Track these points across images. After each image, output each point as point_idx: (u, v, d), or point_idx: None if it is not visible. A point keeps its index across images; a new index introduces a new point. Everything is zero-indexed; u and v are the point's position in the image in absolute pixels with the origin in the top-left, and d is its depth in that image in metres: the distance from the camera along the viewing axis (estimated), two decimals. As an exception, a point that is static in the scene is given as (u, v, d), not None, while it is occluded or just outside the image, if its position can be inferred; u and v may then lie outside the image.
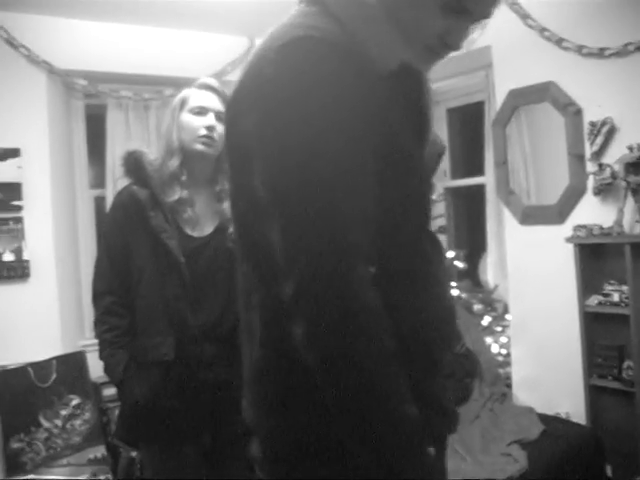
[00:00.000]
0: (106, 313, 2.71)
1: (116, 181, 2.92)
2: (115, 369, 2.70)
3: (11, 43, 4.83)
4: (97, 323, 2.75)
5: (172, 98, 2.92)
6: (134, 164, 2.73)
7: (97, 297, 2.77)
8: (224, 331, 2.66)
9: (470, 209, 6.26)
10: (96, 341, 2.79)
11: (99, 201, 5.48)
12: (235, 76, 4.81)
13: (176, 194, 2.69)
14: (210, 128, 2.70)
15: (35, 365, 4.52)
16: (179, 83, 2.87)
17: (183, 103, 2.77)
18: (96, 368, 3.88)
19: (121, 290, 2.72)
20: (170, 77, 5.38)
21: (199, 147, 2.71)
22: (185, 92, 2.81)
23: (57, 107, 5.19)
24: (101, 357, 2.74)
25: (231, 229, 2.61)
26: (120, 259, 2.72)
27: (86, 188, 5.44)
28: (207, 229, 2.75)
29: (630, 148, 3.90)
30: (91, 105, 5.50)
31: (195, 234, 2.73)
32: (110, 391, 4.51)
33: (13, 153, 4.79)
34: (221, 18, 5.47)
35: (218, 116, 2.72)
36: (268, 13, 5.27)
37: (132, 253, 2.70)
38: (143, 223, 2.65)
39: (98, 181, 5.56)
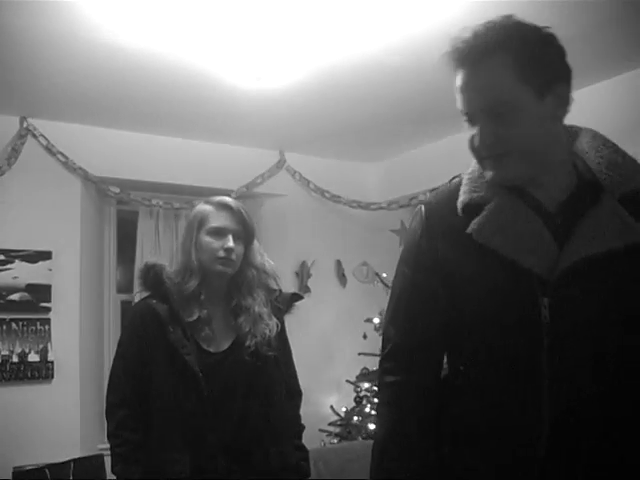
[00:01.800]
0: (120, 427, 2.66)
1: (135, 294, 2.90)
2: None
3: (49, 150, 5.03)
4: (110, 437, 2.70)
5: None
6: (153, 278, 2.73)
7: (111, 410, 2.73)
8: (240, 447, 2.62)
9: None
10: None
11: (126, 305, 5.52)
12: (265, 188, 4.99)
13: (195, 313, 2.68)
14: (228, 250, 2.69)
15: (53, 467, 4.47)
16: (209, 193, 2.91)
17: (201, 223, 2.74)
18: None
19: (135, 403, 2.68)
20: (200, 187, 5.53)
21: (218, 268, 2.71)
22: (202, 210, 2.78)
23: (90, 212, 5.34)
24: (113, 471, 2.67)
25: (248, 343, 2.67)
26: (136, 372, 2.69)
27: (114, 292, 5.52)
28: (224, 344, 2.73)
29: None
30: (123, 210, 5.64)
31: (212, 349, 2.71)
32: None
33: (45, 256, 4.90)
34: (252, 132, 5.64)
35: (236, 236, 2.73)
36: (299, 127, 5.47)
37: (149, 366, 2.67)
38: (162, 337, 2.63)
39: (126, 285, 5.63)
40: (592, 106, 4.41)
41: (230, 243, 2.71)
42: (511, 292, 1.59)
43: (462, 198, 1.69)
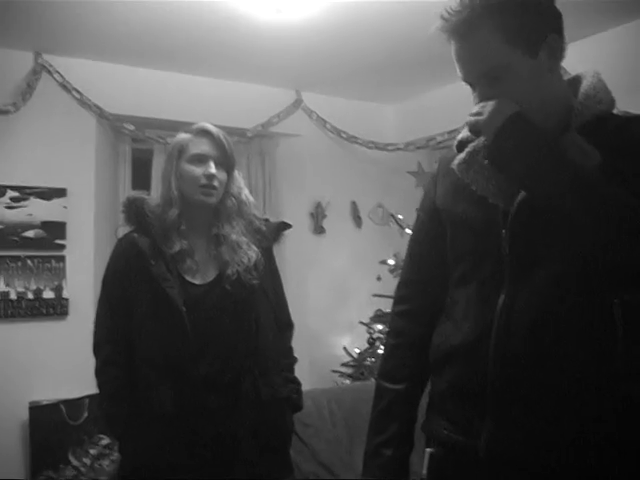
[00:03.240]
0: (106, 363, 2.65)
1: (117, 228, 2.85)
2: (115, 423, 2.64)
3: (65, 86, 4.98)
4: (97, 373, 2.68)
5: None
6: (135, 212, 2.69)
7: (97, 347, 2.71)
8: (227, 380, 2.59)
9: None
10: None
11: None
12: (281, 128, 4.94)
13: (176, 245, 2.63)
14: (210, 177, 2.63)
15: (68, 402, 4.55)
16: (226, 132, 2.87)
17: (181, 151, 2.69)
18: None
19: (122, 339, 2.65)
20: (218, 126, 5.40)
21: (200, 197, 2.67)
22: (182, 139, 2.73)
23: (105, 150, 5.31)
24: (100, 408, 2.70)
25: (229, 271, 2.63)
26: (121, 308, 2.66)
27: (121, 231, 5.45)
28: (209, 275, 2.68)
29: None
30: (137, 149, 5.61)
31: (197, 281, 2.66)
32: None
33: (60, 193, 4.90)
34: (269, 70, 5.57)
35: (218, 162, 2.68)
36: (316, 66, 5.40)
37: (133, 302, 2.64)
38: (144, 272, 2.58)
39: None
40: (595, 55, 4.37)
41: (212, 169, 2.64)
42: (482, 226, 1.72)
43: (459, 136, 1.80)
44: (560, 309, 1.60)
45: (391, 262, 5.45)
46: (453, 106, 5.68)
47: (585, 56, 1.85)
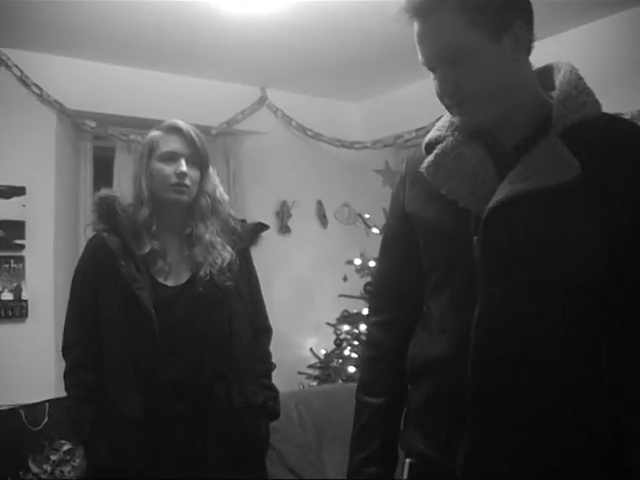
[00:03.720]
0: (75, 366, 2.58)
1: (86, 227, 2.78)
2: (81, 426, 2.53)
3: (23, 81, 4.84)
4: (66, 377, 2.61)
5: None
6: (106, 210, 2.61)
7: (67, 349, 2.64)
8: (199, 386, 2.53)
9: None
10: None
11: (102, 244, 5.40)
12: (245, 125, 4.88)
13: (147, 245, 2.56)
14: (181, 175, 2.56)
15: (27, 407, 4.40)
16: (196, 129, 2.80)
17: (151, 149, 2.62)
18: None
19: (91, 342, 2.57)
20: None
21: (172, 196, 2.59)
22: (152, 136, 2.66)
23: (65, 147, 5.18)
24: (68, 413, 2.62)
25: (202, 273, 2.55)
26: (90, 310, 2.58)
27: (90, 230, 5.37)
28: (182, 277, 2.61)
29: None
30: (99, 147, 5.49)
31: (169, 283, 2.59)
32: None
33: (19, 191, 4.76)
34: (234, 67, 5.50)
35: (189, 160, 2.61)
36: (280, 64, 5.34)
37: (102, 304, 2.56)
38: (114, 272, 2.51)
39: (102, 223, 5.48)
40: (580, 47, 4.36)
41: (183, 167, 2.58)
42: (453, 232, 1.65)
43: (426, 137, 1.75)
44: (539, 320, 1.54)
45: (357, 262, 5.40)
46: (420, 103, 5.65)
47: (557, 52, 1.74)
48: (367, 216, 5.59)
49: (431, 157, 1.67)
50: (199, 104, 5.57)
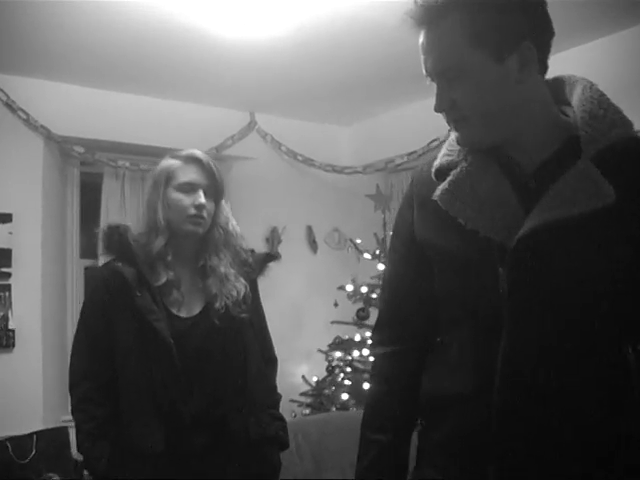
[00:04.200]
0: (83, 400, 2.50)
1: (100, 256, 2.72)
2: (97, 463, 2.45)
3: (10, 106, 4.78)
4: (74, 412, 2.53)
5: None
6: (118, 240, 2.55)
7: (74, 383, 2.56)
8: (216, 418, 2.48)
9: None
10: None
11: (90, 271, 5.34)
12: (235, 151, 4.84)
13: (163, 276, 2.52)
14: (200, 207, 2.52)
15: (14, 440, 4.32)
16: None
17: (169, 178, 2.56)
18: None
19: (101, 376, 2.51)
20: (169, 149, 5.22)
21: (188, 227, 2.54)
22: (169, 165, 2.61)
23: (52, 173, 5.12)
24: (80, 450, 2.51)
25: (217, 305, 2.51)
26: (101, 341, 2.52)
27: (77, 257, 5.34)
28: (195, 308, 2.57)
29: None
30: (87, 173, 5.44)
31: (183, 314, 2.54)
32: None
33: (5, 218, 4.71)
34: (223, 92, 5.46)
35: (206, 192, 2.56)
36: (270, 88, 5.30)
37: (116, 335, 2.50)
38: (128, 303, 2.45)
39: (89, 250, 5.42)
40: (591, 63, 4.31)
41: (201, 199, 2.53)
42: (474, 262, 1.55)
43: (436, 162, 1.65)
44: (569, 353, 1.45)
45: (349, 288, 5.34)
46: (411, 127, 5.69)
47: (564, 68, 1.67)
48: (358, 241, 5.53)
49: (445, 184, 1.57)
50: (188, 129, 5.52)
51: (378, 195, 5.68)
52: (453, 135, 1.63)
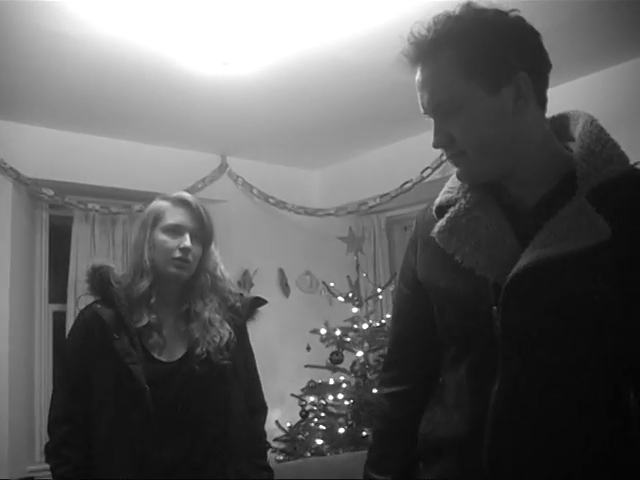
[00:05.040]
0: (60, 444, 2.43)
1: (78, 298, 2.68)
2: None
3: (-22, 149, 4.71)
4: (51, 456, 2.46)
5: (140, 213, 2.71)
6: (100, 281, 2.52)
7: (52, 426, 2.49)
8: (193, 465, 2.42)
9: None
10: (46, 466, 2.50)
11: (58, 316, 5.26)
12: (206, 194, 4.79)
13: (144, 319, 2.48)
14: (185, 250, 2.50)
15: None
16: (148, 198, 2.73)
17: (156, 219, 2.55)
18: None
19: (79, 419, 2.45)
20: (139, 192, 5.30)
21: (172, 270, 2.50)
22: (158, 206, 2.60)
23: (21, 216, 5.05)
24: None
25: (199, 350, 2.47)
26: (80, 385, 2.47)
27: (46, 302, 5.25)
28: (177, 353, 2.52)
29: None
30: (56, 216, 5.38)
31: (164, 359, 2.50)
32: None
33: (-29, 266, 4.61)
34: (193, 135, 5.45)
35: (193, 235, 2.54)
36: (240, 132, 5.30)
37: (93, 378, 2.46)
38: (106, 345, 2.41)
39: (59, 295, 5.35)
40: (591, 95, 4.33)
41: (187, 242, 2.51)
42: (470, 301, 1.52)
43: (437, 200, 1.66)
44: (564, 397, 1.42)
45: (323, 331, 5.29)
46: (383, 170, 5.71)
47: (562, 102, 1.65)
48: (332, 284, 5.50)
49: (443, 222, 1.57)
50: (159, 172, 5.50)
51: (350, 237, 5.66)
52: (454, 172, 1.61)
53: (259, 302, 2.78)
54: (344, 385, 5.13)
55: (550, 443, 1.41)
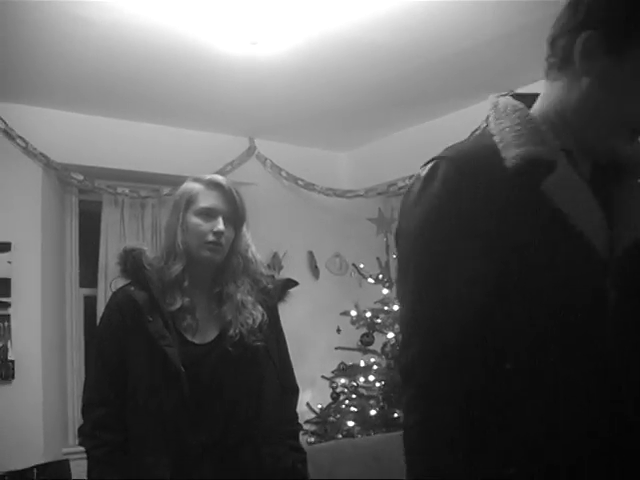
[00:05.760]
0: (96, 427, 2.41)
1: (111, 281, 2.67)
2: None
3: (8, 134, 4.75)
4: (86, 438, 2.44)
5: (169, 197, 2.68)
6: (132, 264, 2.50)
7: (88, 408, 2.48)
8: (227, 447, 2.40)
9: None
10: (81, 449, 2.48)
11: (89, 300, 5.31)
12: (234, 176, 4.78)
13: (177, 302, 2.46)
14: (218, 234, 2.47)
15: (14, 474, 4.23)
16: (177, 182, 2.71)
17: (189, 202, 2.52)
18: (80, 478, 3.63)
19: (116, 402, 2.43)
20: (168, 175, 5.30)
21: (206, 254, 2.48)
22: (190, 189, 2.55)
23: (51, 201, 5.08)
24: (89, 477, 2.44)
25: (232, 332, 2.45)
26: (114, 367, 2.45)
27: (76, 286, 5.29)
28: (210, 335, 2.51)
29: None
30: (86, 201, 5.41)
31: (197, 341, 2.48)
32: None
33: (4, 247, 4.66)
34: (222, 118, 5.44)
35: (226, 218, 2.50)
36: (268, 114, 5.28)
37: (127, 361, 2.44)
38: (140, 328, 2.40)
39: (89, 279, 5.39)
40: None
41: (220, 226, 2.47)
42: (575, 271, 1.31)
43: (518, 151, 1.33)
44: None
45: (353, 313, 5.27)
46: (409, 151, 5.66)
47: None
48: (362, 265, 5.48)
49: (557, 176, 1.32)
50: (187, 155, 5.49)
51: (380, 219, 5.64)
52: (520, 123, 1.38)
53: (290, 284, 2.76)
54: (375, 367, 5.12)
55: None
